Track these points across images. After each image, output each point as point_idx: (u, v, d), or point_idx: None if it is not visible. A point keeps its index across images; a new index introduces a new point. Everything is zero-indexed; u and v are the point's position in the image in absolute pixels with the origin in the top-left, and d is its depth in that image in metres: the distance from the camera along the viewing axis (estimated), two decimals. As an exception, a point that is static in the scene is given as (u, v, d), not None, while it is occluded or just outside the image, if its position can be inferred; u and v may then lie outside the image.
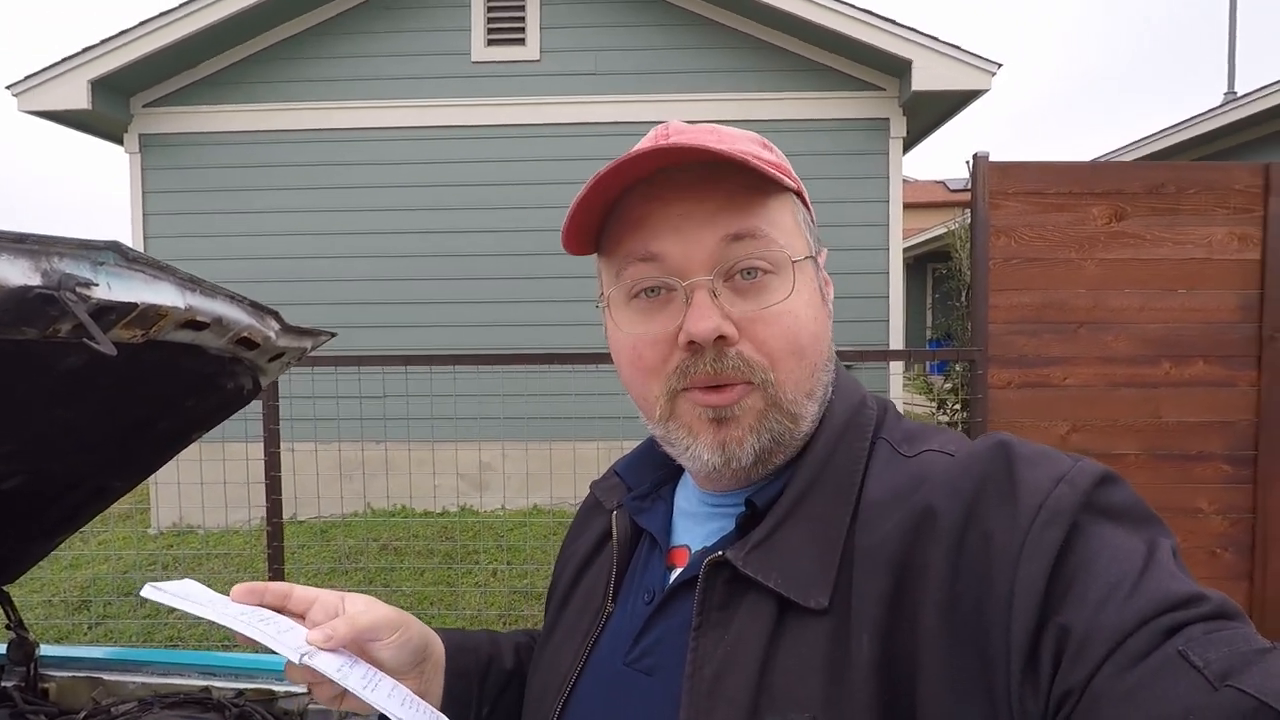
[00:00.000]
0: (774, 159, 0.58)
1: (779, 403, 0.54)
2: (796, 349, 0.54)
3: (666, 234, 0.54)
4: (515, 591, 4.11)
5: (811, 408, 0.56)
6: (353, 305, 5.55)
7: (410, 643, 0.64)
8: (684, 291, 0.53)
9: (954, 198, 17.04)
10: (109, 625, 3.86)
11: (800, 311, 0.55)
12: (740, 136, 0.58)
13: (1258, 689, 0.35)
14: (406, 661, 0.64)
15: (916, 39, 5.14)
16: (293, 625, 0.59)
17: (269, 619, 0.58)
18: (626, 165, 0.52)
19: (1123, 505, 0.45)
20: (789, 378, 0.54)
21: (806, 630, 0.50)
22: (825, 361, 0.58)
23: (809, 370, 0.56)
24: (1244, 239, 2.62)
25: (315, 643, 0.56)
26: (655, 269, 0.54)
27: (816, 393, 0.57)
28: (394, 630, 0.62)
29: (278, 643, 0.54)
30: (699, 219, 0.53)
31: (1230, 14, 10.68)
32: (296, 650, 0.55)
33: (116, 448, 1.18)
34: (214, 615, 0.56)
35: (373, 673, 0.59)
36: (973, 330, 2.68)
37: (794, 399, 0.55)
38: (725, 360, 0.53)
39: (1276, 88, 6.06)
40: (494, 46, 5.62)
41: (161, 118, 5.62)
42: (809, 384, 0.56)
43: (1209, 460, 2.66)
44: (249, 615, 0.57)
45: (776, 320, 0.54)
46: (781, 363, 0.54)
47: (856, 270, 5.39)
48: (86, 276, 0.73)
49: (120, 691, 1.45)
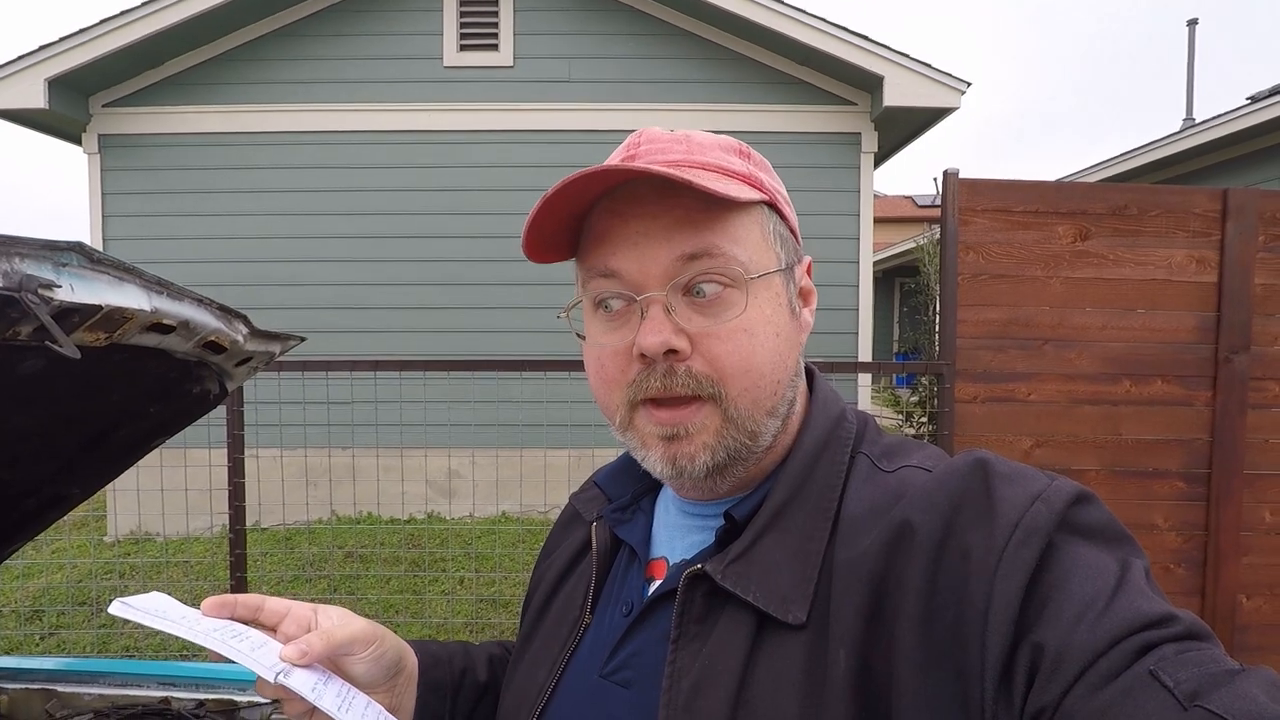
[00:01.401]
0: (744, 169, 0.57)
1: (733, 419, 0.54)
2: (749, 367, 0.54)
3: (625, 250, 0.54)
4: (482, 600, 4.07)
5: (771, 424, 0.56)
6: (321, 310, 5.47)
7: (385, 657, 0.63)
8: (640, 306, 0.54)
9: (922, 213, 17.36)
10: (62, 636, 3.74)
11: (757, 328, 0.54)
12: (711, 145, 0.58)
13: (1226, 709, 0.35)
14: (380, 676, 0.63)
15: (889, 55, 5.24)
16: (266, 640, 0.57)
17: (241, 635, 0.56)
18: (576, 184, 0.52)
19: (1097, 525, 0.46)
20: (743, 395, 0.54)
21: (784, 644, 0.50)
22: (789, 377, 0.57)
23: (767, 387, 0.55)
24: (1202, 262, 2.70)
25: (290, 658, 0.55)
26: (615, 284, 0.55)
27: (778, 409, 0.56)
28: (369, 644, 0.61)
29: (252, 660, 0.53)
30: (656, 236, 0.53)
31: (1189, 44, 11.05)
32: (271, 669, 0.53)
33: (76, 454, 1.14)
34: (185, 633, 0.54)
35: (346, 690, 0.58)
36: (941, 344, 2.72)
37: (749, 415, 0.54)
38: (675, 376, 0.53)
39: (1232, 115, 6.28)
40: (466, 52, 5.60)
41: (122, 118, 5.49)
42: (768, 401, 0.55)
43: (1165, 477, 2.73)
44: (221, 631, 0.56)
45: (730, 337, 0.53)
46: (734, 380, 0.53)
47: (826, 283, 5.42)
48: (49, 278, 0.71)
49: (75, 703, 1.40)
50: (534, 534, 4.86)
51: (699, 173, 0.54)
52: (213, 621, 0.57)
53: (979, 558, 0.45)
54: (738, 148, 0.59)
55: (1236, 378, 2.70)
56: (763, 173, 0.59)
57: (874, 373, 3.73)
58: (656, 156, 0.56)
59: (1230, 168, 6.67)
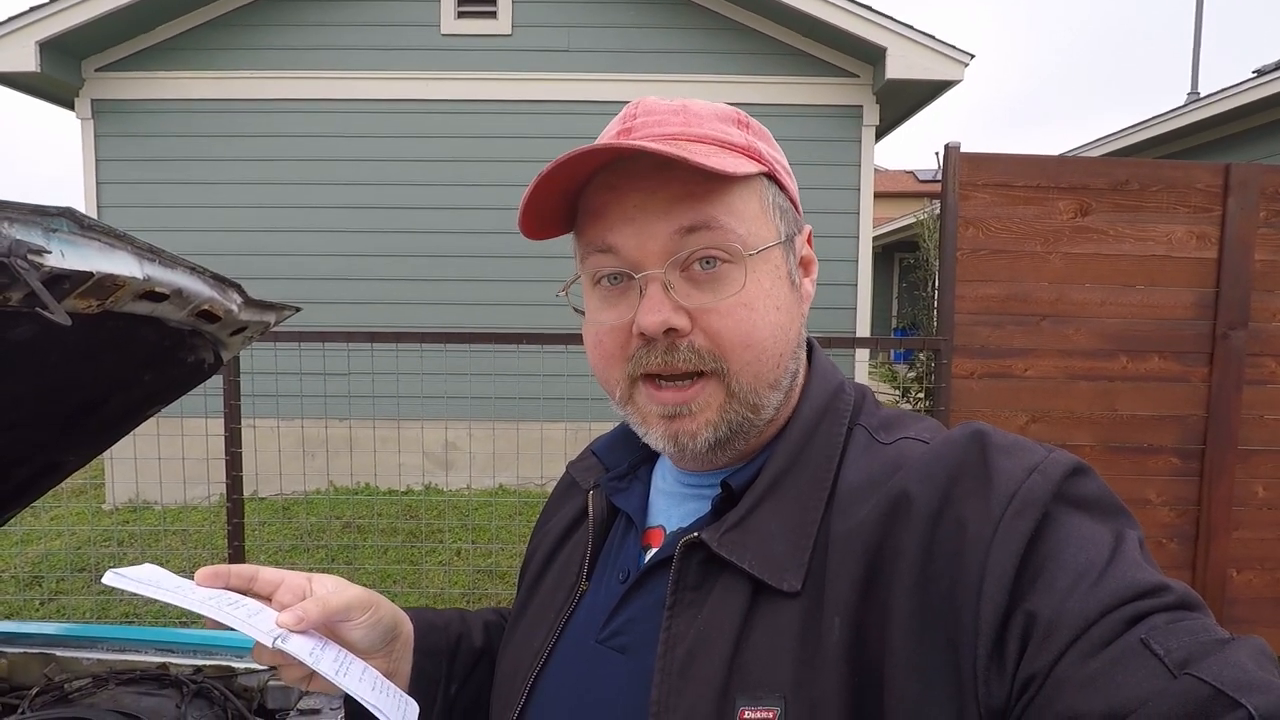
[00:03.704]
0: (743, 140, 0.56)
1: (736, 393, 0.54)
2: (751, 341, 0.54)
3: (622, 226, 0.54)
4: (480, 570, 4.10)
5: (774, 397, 0.56)
6: (317, 280, 5.44)
7: (380, 623, 0.63)
8: (639, 283, 0.54)
9: (923, 188, 17.24)
10: (62, 602, 3.78)
11: (757, 303, 0.54)
12: (709, 115, 0.57)
13: (1215, 677, 0.36)
14: (376, 642, 0.63)
15: (892, 26, 5.16)
16: (261, 608, 0.58)
17: (237, 603, 0.57)
18: (571, 163, 0.51)
19: (1093, 496, 0.47)
20: (745, 369, 0.54)
21: (779, 612, 0.50)
22: (791, 349, 0.57)
23: (769, 361, 0.55)
24: (1202, 238, 2.69)
25: (287, 625, 0.55)
26: (613, 260, 0.55)
27: (781, 381, 0.56)
28: (364, 611, 0.62)
29: (249, 626, 0.53)
30: (654, 210, 0.53)
31: (1196, 16, 10.90)
32: (269, 634, 0.54)
33: (70, 421, 1.14)
34: (180, 600, 0.54)
35: (344, 656, 0.58)
36: (939, 319, 2.72)
37: (752, 389, 0.55)
38: (677, 352, 0.53)
39: (1237, 90, 6.20)
40: (464, 19, 5.50)
41: (115, 83, 5.40)
42: (771, 374, 0.55)
43: (1160, 453, 2.75)
44: (216, 599, 0.56)
45: (730, 313, 0.53)
46: (735, 354, 0.53)
47: (825, 257, 5.35)
48: (39, 243, 0.70)
49: (74, 668, 1.42)
50: (531, 506, 4.89)
51: (697, 146, 0.53)
52: (207, 591, 0.57)
53: (975, 528, 0.45)
54: (736, 117, 0.58)
55: (1233, 354, 2.70)
56: (762, 142, 0.58)
57: (872, 348, 3.73)
58: (654, 129, 0.55)
59: (1234, 143, 6.60)
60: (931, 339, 2.72)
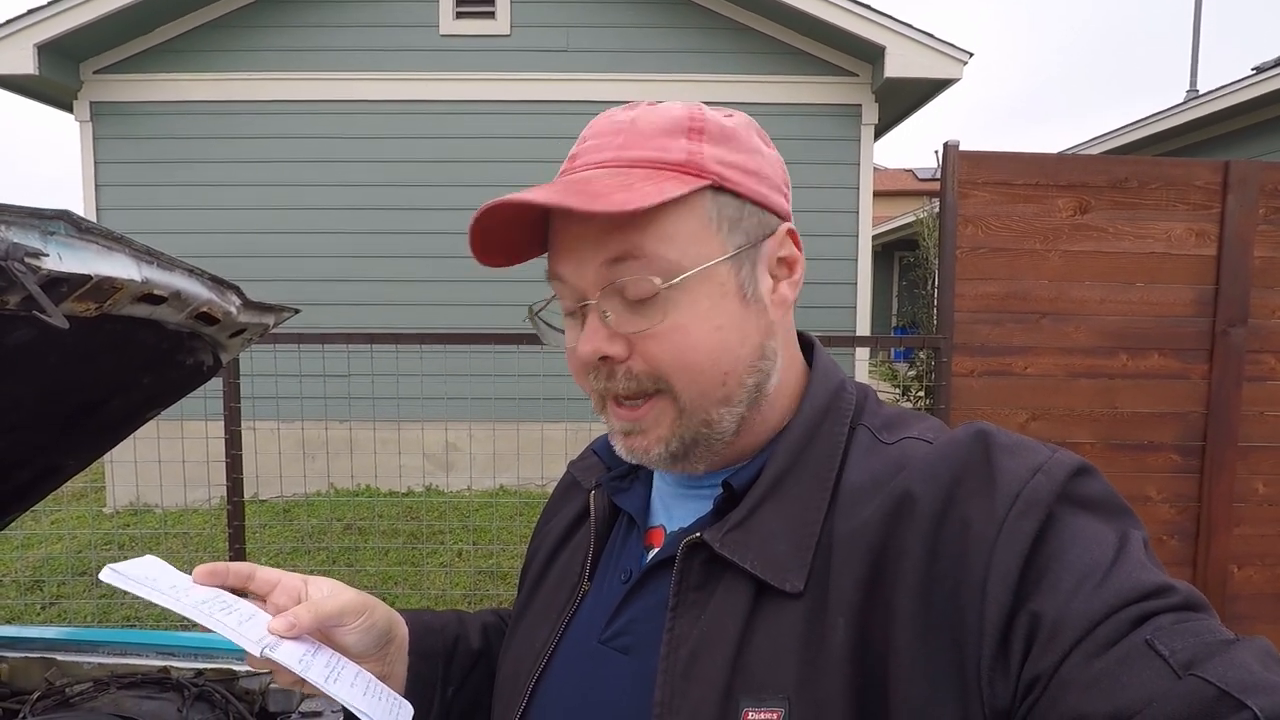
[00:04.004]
0: (683, 155, 0.53)
1: (686, 410, 0.55)
2: (686, 364, 0.53)
3: (566, 256, 0.55)
4: (480, 572, 4.10)
5: (728, 411, 0.55)
6: (316, 282, 5.44)
7: (375, 627, 0.63)
8: (579, 313, 0.56)
9: (922, 186, 17.22)
10: (63, 606, 3.78)
11: (692, 326, 0.53)
12: (654, 130, 0.54)
13: (1220, 678, 0.36)
14: (371, 645, 0.63)
15: (891, 25, 5.16)
16: (255, 613, 0.58)
17: (230, 607, 0.57)
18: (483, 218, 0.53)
19: (1097, 497, 0.47)
20: (687, 389, 0.54)
21: (783, 613, 0.50)
22: (746, 364, 0.55)
23: (712, 381, 0.54)
24: (1201, 235, 2.68)
25: (278, 631, 0.56)
26: (562, 288, 0.57)
27: (736, 396, 0.55)
28: (358, 615, 0.62)
29: (237, 634, 0.54)
30: (589, 240, 0.53)
31: (1195, 12, 10.90)
32: (258, 642, 0.54)
33: (69, 425, 1.14)
34: (172, 604, 0.54)
35: (335, 661, 0.58)
36: (939, 318, 2.71)
37: (700, 407, 0.55)
38: (615, 379, 0.55)
39: (1236, 86, 6.20)
40: (463, 19, 5.50)
41: (114, 85, 5.40)
42: (718, 393, 0.54)
43: (1160, 450, 2.75)
44: (210, 603, 0.56)
45: (665, 336, 0.53)
46: (674, 376, 0.54)
47: (825, 256, 5.43)
48: (36, 246, 0.70)
49: (75, 672, 1.42)
50: (531, 507, 4.89)
51: (626, 173, 0.52)
52: (203, 592, 0.57)
53: (979, 528, 0.45)
54: (688, 125, 0.55)
55: (1233, 351, 2.70)
56: (717, 148, 0.54)
57: (872, 346, 3.73)
58: (594, 155, 0.55)
59: (1233, 140, 6.60)
60: (931, 337, 2.72)
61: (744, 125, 0.57)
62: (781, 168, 0.59)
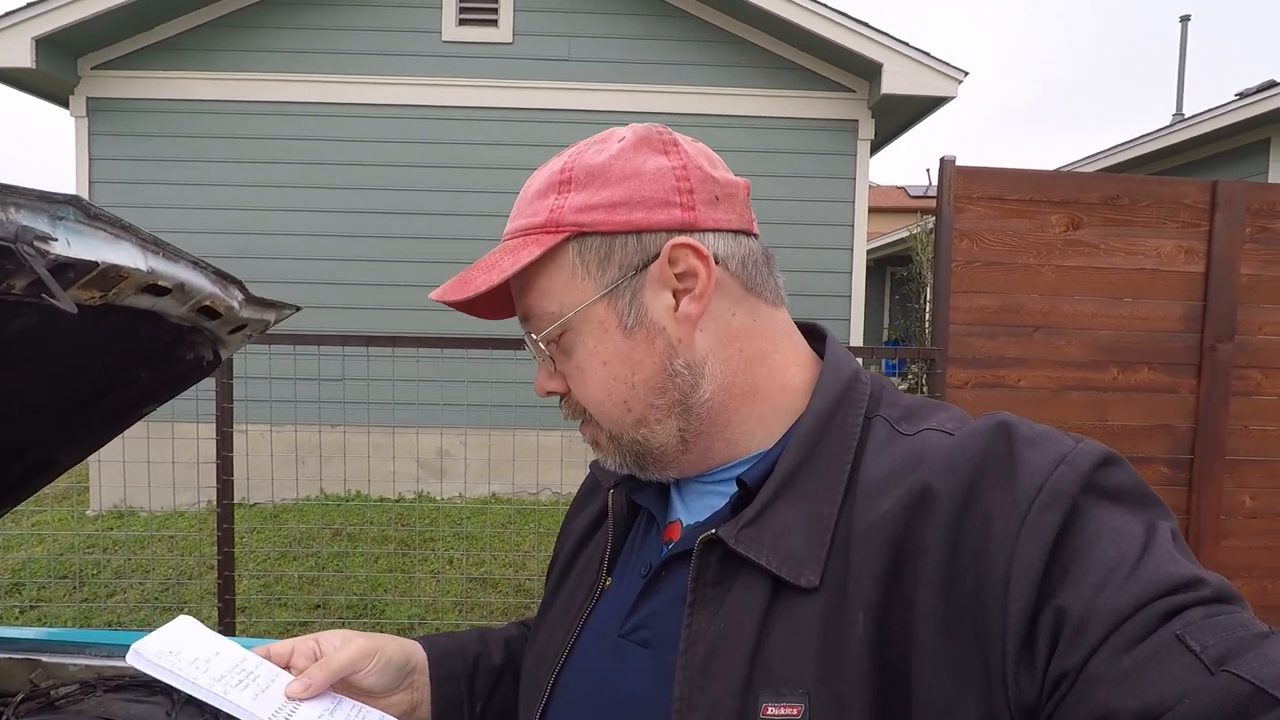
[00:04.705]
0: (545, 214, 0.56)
1: (611, 434, 0.60)
2: (589, 399, 0.59)
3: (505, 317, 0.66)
4: (472, 579, 4.07)
5: (652, 431, 0.59)
6: (313, 285, 5.41)
7: (391, 663, 0.66)
8: None
9: (914, 203, 17.35)
10: (43, 610, 3.72)
11: (585, 364, 0.58)
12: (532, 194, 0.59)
13: (1254, 674, 0.35)
14: (391, 681, 0.66)
15: (888, 43, 5.21)
16: (275, 677, 0.61)
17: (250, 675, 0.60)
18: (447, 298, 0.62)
19: (1123, 487, 0.46)
20: (601, 418, 0.60)
21: (800, 608, 0.50)
22: (642, 392, 0.57)
23: (614, 412, 0.59)
24: (1190, 252, 2.72)
25: (295, 694, 0.59)
26: None
27: (649, 417, 0.58)
28: (370, 658, 0.65)
29: (251, 712, 0.56)
30: (505, 309, 0.64)
31: (1181, 39, 11.08)
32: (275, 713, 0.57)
33: (66, 417, 1.13)
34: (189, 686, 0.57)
35: (356, 711, 0.61)
36: (934, 330, 2.73)
37: (620, 430, 0.59)
38: (564, 407, 0.63)
39: (1220, 111, 6.31)
40: (465, 26, 5.53)
41: (112, 81, 5.38)
42: (624, 419, 0.59)
43: (1150, 463, 2.77)
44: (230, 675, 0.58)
45: (573, 377, 0.60)
46: (589, 408, 0.60)
47: (820, 269, 5.46)
48: (45, 230, 0.69)
49: (60, 674, 1.39)
50: (524, 515, 4.87)
51: (503, 246, 0.59)
52: (227, 661, 0.60)
53: (1001, 522, 0.44)
54: (558, 181, 0.57)
55: (1221, 366, 2.73)
56: (581, 193, 0.56)
57: (866, 358, 3.74)
58: (506, 227, 0.62)
59: (1219, 162, 6.71)
60: (926, 349, 2.74)
61: (626, 150, 0.56)
62: (676, 177, 0.56)
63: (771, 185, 5.32)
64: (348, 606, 3.73)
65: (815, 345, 0.65)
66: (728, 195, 0.58)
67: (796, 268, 5.20)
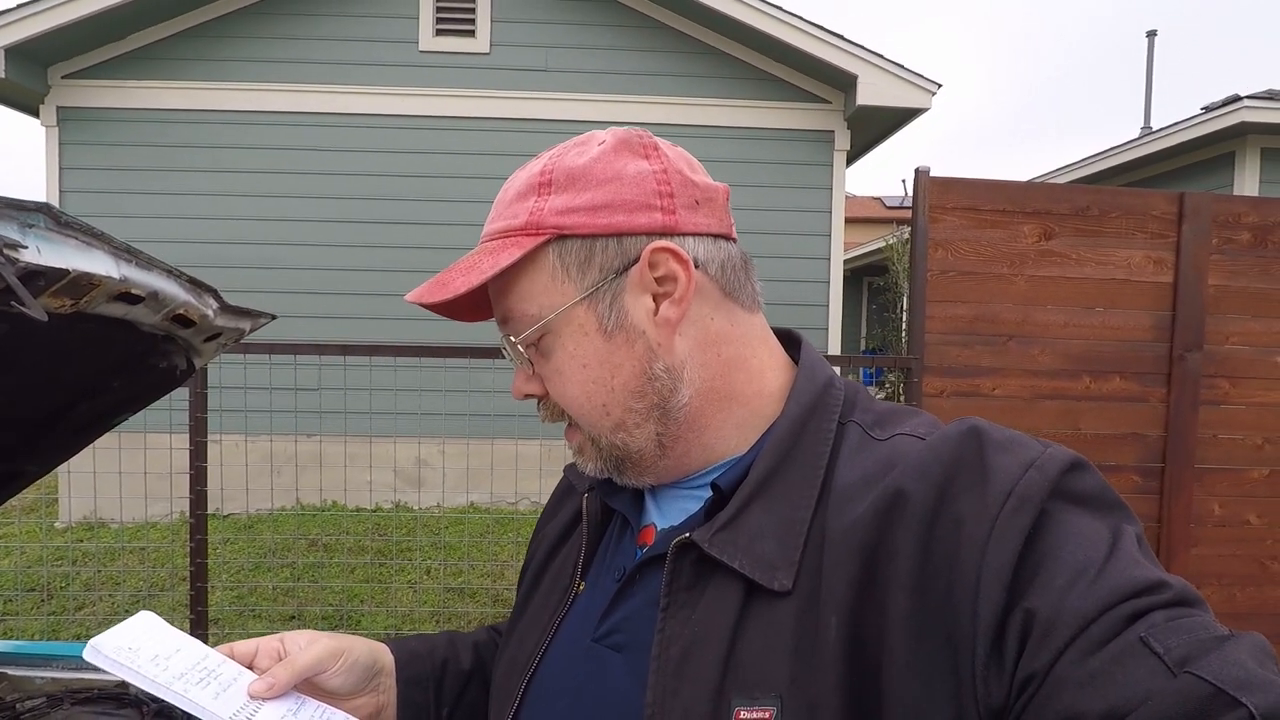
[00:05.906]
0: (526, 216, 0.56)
1: (592, 438, 0.60)
2: (568, 402, 0.59)
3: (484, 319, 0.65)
4: (449, 589, 4.04)
5: (630, 435, 0.58)
6: (288, 294, 5.36)
7: (357, 664, 0.65)
8: None
9: (890, 214, 17.57)
10: (10, 623, 3.63)
11: (565, 367, 0.58)
12: (511, 196, 0.58)
13: (1215, 676, 0.36)
14: (357, 683, 0.65)
15: (863, 55, 5.29)
16: (237, 676, 0.59)
17: (212, 674, 0.58)
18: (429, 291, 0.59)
19: (1090, 492, 0.47)
20: (582, 421, 0.60)
21: (773, 612, 0.50)
22: (622, 395, 0.57)
23: (594, 414, 0.58)
24: (1159, 263, 2.78)
25: (259, 693, 0.58)
26: None
27: (627, 421, 0.58)
28: (336, 658, 0.63)
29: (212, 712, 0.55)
30: (484, 310, 0.63)
31: (1148, 54, 11.35)
32: (237, 713, 0.55)
33: (35, 428, 1.11)
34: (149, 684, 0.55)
35: (321, 711, 0.60)
36: (910, 339, 2.76)
37: (600, 434, 0.59)
38: (542, 410, 0.63)
39: (1187, 124, 6.47)
40: (442, 36, 5.53)
41: (83, 90, 5.31)
42: (603, 422, 0.58)
43: (1122, 471, 2.81)
44: (190, 674, 0.57)
45: (552, 380, 0.59)
46: (570, 411, 0.60)
47: (797, 279, 5.50)
48: (14, 238, 0.68)
49: (27, 687, 1.36)
50: (502, 524, 4.84)
51: (482, 248, 0.58)
52: (189, 658, 0.59)
53: (972, 525, 0.45)
54: (537, 183, 0.57)
55: (1189, 375, 2.79)
56: (561, 195, 0.56)
57: (843, 367, 3.77)
58: (485, 229, 0.61)
59: (1186, 174, 6.87)
60: (903, 358, 2.76)
61: (607, 153, 0.57)
62: (656, 181, 0.56)
63: (748, 195, 5.36)
64: (323, 618, 3.67)
65: (791, 351, 0.65)
66: (707, 199, 0.58)
67: (774, 277, 5.24)
